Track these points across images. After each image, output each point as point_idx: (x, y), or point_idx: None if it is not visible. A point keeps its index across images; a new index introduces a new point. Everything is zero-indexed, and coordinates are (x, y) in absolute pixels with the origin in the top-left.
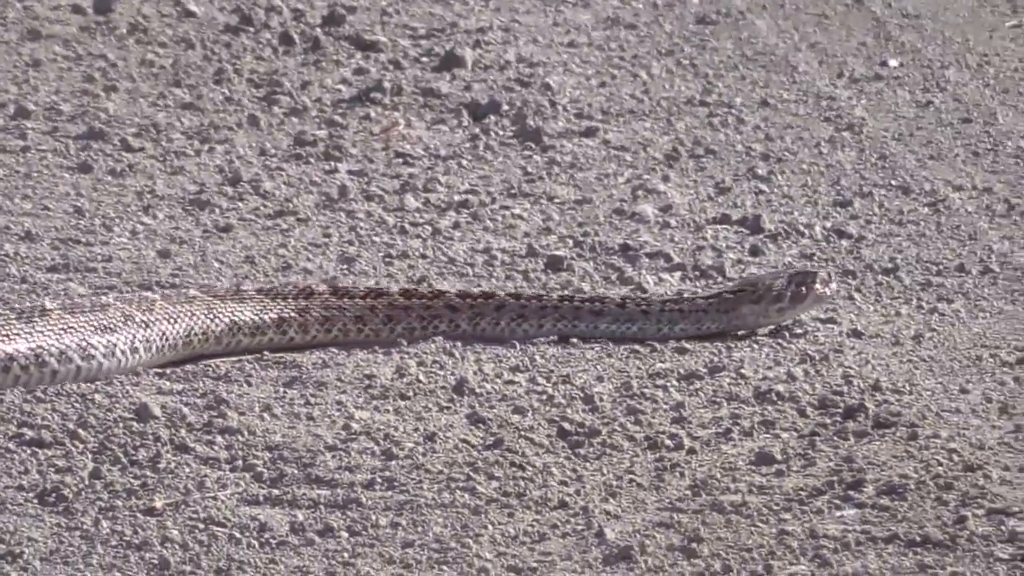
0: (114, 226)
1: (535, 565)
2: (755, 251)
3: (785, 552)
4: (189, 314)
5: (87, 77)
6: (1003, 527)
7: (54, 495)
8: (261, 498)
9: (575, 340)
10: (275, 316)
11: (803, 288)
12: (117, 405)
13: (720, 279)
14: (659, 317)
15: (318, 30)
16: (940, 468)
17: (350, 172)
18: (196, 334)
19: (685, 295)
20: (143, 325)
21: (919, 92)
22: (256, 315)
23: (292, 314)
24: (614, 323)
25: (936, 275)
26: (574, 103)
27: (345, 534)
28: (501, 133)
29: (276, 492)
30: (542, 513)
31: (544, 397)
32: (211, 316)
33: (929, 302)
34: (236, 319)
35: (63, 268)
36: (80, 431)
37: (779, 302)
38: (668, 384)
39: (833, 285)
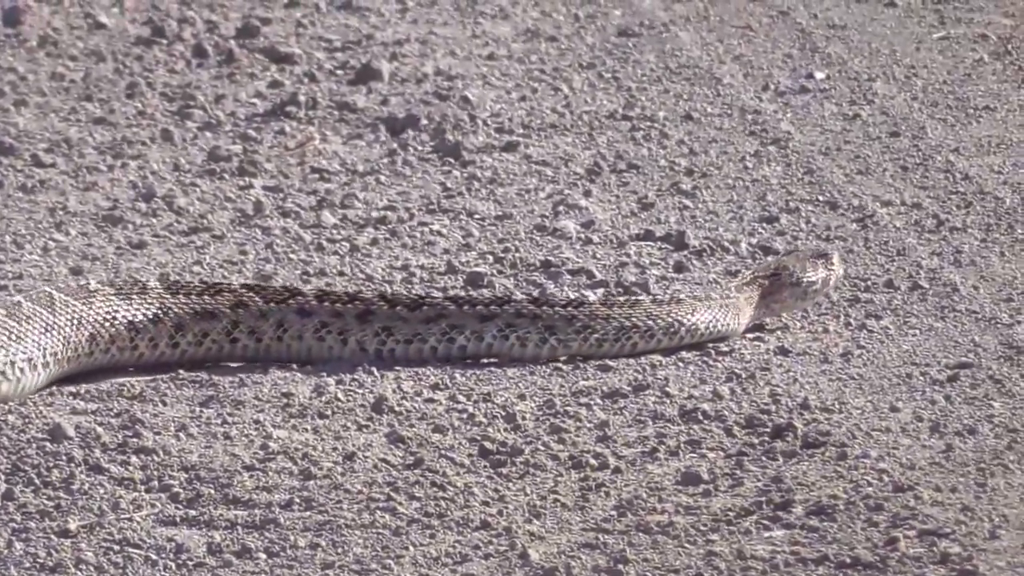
0: (25, 243)
1: None
2: (679, 268)
3: (713, 573)
4: None
5: None
6: (934, 548)
7: None
8: (177, 519)
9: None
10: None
11: (828, 270)
12: (30, 425)
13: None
14: None
15: (232, 42)
16: (870, 488)
17: (265, 188)
18: None
19: None
20: None
21: (846, 105)
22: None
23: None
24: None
25: (864, 291)
26: (494, 117)
27: (263, 555)
28: (419, 148)
29: (192, 513)
30: (464, 534)
31: (465, 416)
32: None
33: (858, 319)
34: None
35: None
36: None
37: (814, 284)
38: (592, 402)
39: (843, 268)
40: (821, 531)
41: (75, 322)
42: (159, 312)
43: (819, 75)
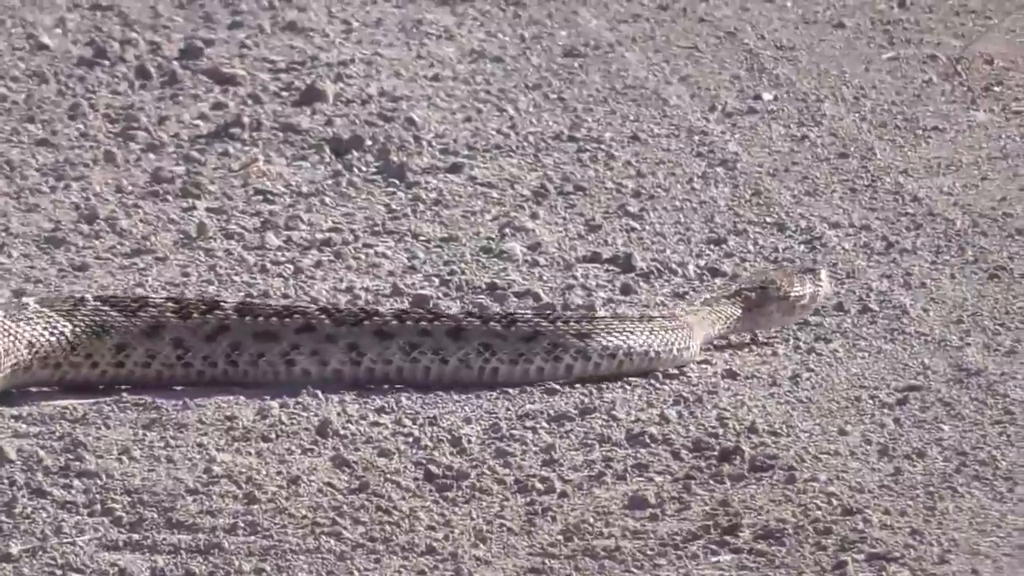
0: None
1: None
2: (626, 290)
3: None
4: None
5: None
6: (884, 572)
7: None
8: (120, 543)
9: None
10: None
11: (815, 286)
12: None
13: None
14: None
15: (175, 63)
16: (819, 512)
17: (209, 209)
18: None
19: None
20: None
21: (794, 126)
22: None
23: None
24: None
25: (813, 314)
26: (439, 138)
27: None
28: (364, 169)
29: (136, 537)
30: (409, 559)
31: (411, 439)
32: None
33: (807, 342)
34: None
35: None
36: None
37: (801, 300)
38: (538, 426)
39: (830, 285)
40: (769, 555)
41: None
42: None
43: (767, 96)
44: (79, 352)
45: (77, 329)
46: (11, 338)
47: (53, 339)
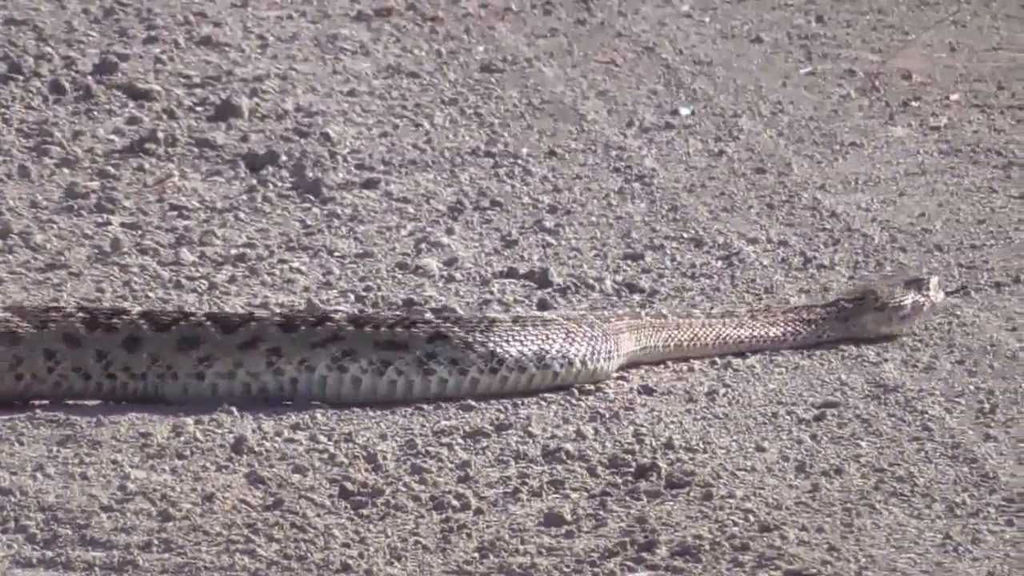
0: None
1: None
2: (543, 305)
3: None
4: None
5: None
6: None
7: None
8: (34, 560)
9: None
10: None
11: (921, 296)
12: None
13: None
14: (784, 328)
15: (90, 78)
16: (735, 528)
17: (124, 225)
18: None
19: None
20: None
21: (712, 141)
22: None
23: None
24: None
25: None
26: (354, 153)
27: None
28: (279, 184)
29: (50, 554)
30: None
31: (325, 456)
32: None
33: (723, 357)
34: None
35: None
36: None
37: (901, 310)
38: (454, 442)
39: (941, 293)
40: (686, 572)
41: None
42: None
43: (684, 111)
44: None
45: None
46: None
47: None
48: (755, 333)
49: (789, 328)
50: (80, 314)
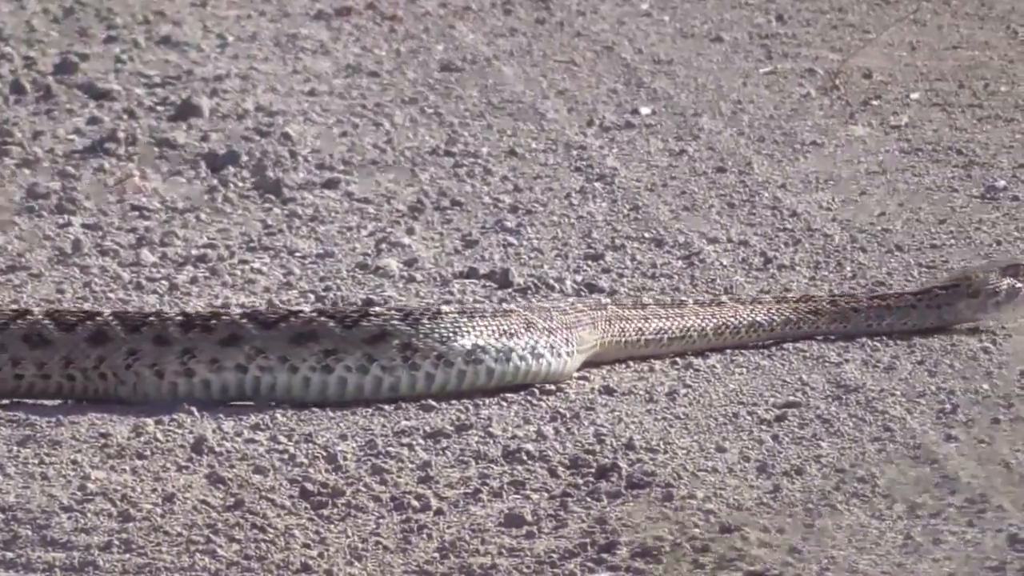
0: None
1: None
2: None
3: None
4: None
5: None
6: None
7: None
8: None
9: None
10: None
11: (1018, 282)
12: None
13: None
14: (867, 314)
15: (50, 78)
16: (696, 530)
17: (84, 225)
18: None
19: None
20: None
21: (672, 140)
22: None
23: None
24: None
25: None
26: (315, 153)
27: None
28: (240, 185)
29: (9, 555)
30: None
31: (286, 456)
32: None
33: (684, 357)
34: None
35: None
36: None
37: (996, 296)
38: (414, 442)
39: None
40: (647, 573)
41: None
42: None
43: (645, 110)
44: None
45: None
46: None
47: None
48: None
49: (872, 315)
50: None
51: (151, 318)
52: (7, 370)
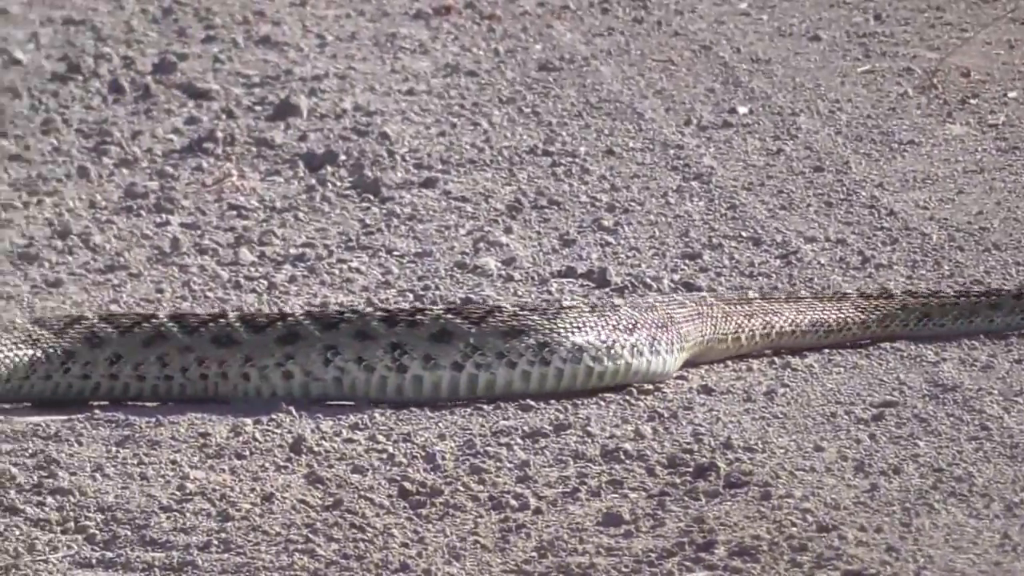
0: None
1: None
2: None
3: None
4: None
5: None
6: None
7: None
8: (94, 561)
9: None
10: None
11: None
12: None
13: None
14: (1012, 308)
15: (149, 78)
16: (794, 529)
17: (182, 224)
18: None
19: None
20: None
21: (769, 140)
22: None
23: None
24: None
25: None
26: (413, 152)
27: None
28: (338, 184)
29: (109, 555)
30: None
31: (384, 456)
32: None
33: (782, 357)
34: None
35: None
36: None
37: None
38: (512, 442)
39: None
40: (744, 572)
41: None
42: None
43: (742, 109)
44: None
45: None
46: None
47: None
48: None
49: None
50: None
51: (347, 315)
52: (194, 370)
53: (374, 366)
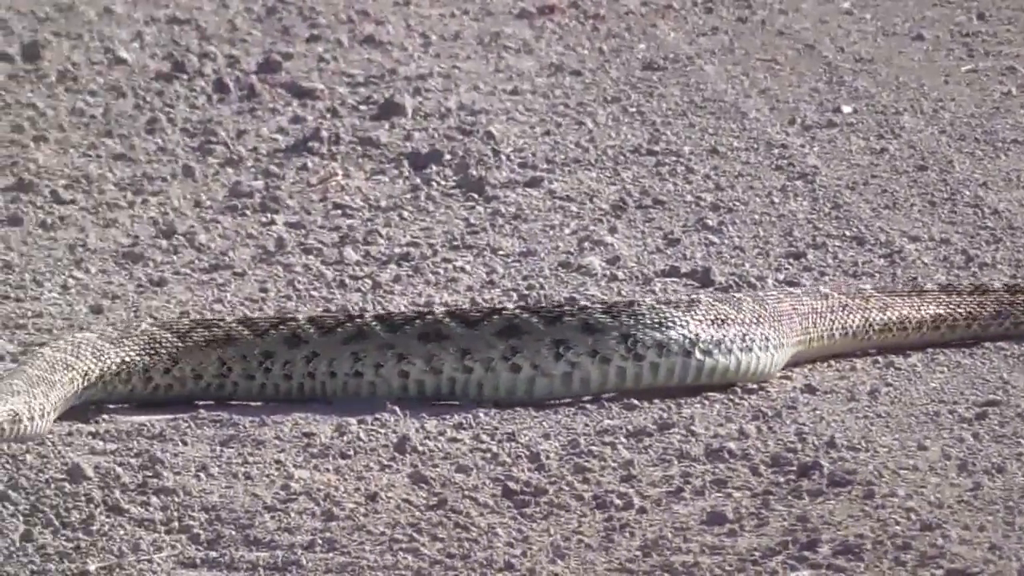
0: (45, 281)
1: None
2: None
3: None
4: None
5: (15, 127)
6: None
7: None
8: (198, 561)
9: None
10: None
11: None
12: (49, 466)
13: None
14: None
15: (253, 77)
16: (897, 527)
17: (287, 224)
18: None
19: None
20: None
21: (873, 139)
22: None
23: None
24: None
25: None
26: (517, 152)
27: None
28: (443, 183)
29: (213, 554)
30: (487, 575)
31: (488, 455)
32: None
33: (885, 356)
34: None
35: None
36: (11, 493)
37: None
38: (616, 441)
39: None
40: (848, 571)
41: None
42: None
43: (846, 109)
44: None
45: None
46: None
47: None
48: None
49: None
50: None
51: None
52: (391, 365)
53: (609, 358)
